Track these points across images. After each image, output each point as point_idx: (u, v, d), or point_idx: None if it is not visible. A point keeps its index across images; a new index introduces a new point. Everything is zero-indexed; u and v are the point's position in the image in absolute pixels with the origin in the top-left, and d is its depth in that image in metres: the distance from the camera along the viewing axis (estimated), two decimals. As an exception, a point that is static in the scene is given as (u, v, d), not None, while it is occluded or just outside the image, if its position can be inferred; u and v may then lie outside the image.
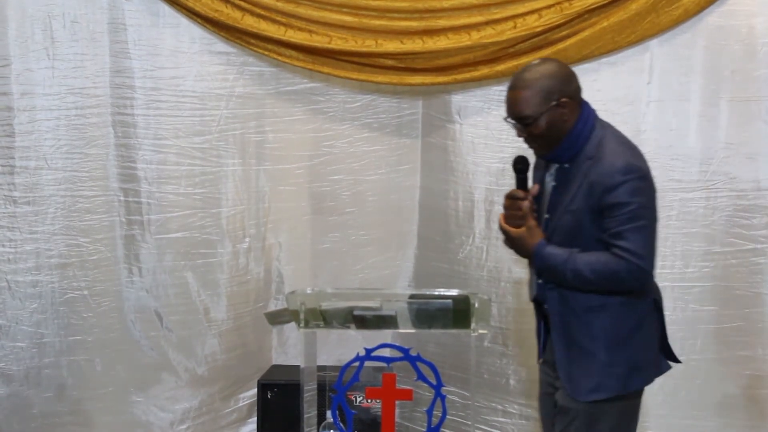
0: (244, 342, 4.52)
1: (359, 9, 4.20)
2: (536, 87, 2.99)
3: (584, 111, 3.07)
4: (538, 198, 3.13)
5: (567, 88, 3.02)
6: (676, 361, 3.21)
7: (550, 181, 3.12)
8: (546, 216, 3.09)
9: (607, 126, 3.11)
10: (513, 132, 3.04)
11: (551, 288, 3.06)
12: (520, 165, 3.12)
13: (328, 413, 3.15)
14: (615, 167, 2.93)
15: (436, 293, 3.21)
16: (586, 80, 4.16)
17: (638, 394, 3.10)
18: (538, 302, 3.16)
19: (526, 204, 3.08)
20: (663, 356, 3.18)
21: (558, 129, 3.01)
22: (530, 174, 3.15)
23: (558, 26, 4.13)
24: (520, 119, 3.02)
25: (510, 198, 3.10)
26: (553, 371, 3.12)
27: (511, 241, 3.11)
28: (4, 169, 4.27)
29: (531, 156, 3.14)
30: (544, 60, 3.16)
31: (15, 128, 4.26)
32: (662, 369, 3.17)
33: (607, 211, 2.92)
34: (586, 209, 2.96)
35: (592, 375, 3.00)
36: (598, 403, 3.00)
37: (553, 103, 2.99)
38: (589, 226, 2.96)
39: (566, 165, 3.06)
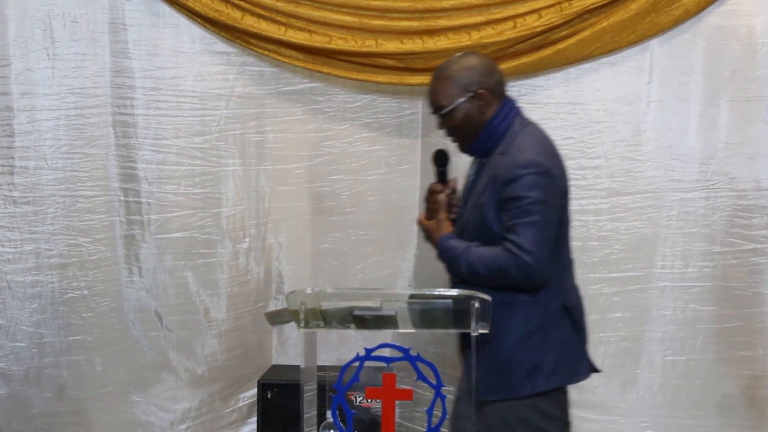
0: (244, 342, 4.51)
1: (359, 9, 4.20)
2: (454, 78, 3.02)
3: (505, 106, 3.06)
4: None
5: (486, 81, 3.03)
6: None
7: (470, 175, 3.14)
8: (462, 211, 3.11)
9: (528, 124, 3.08)
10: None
11: (457, 282, 3.07)
12: (439, 158, 3.18)
13: (328, 413, 3.15)
14: (516, 161, 2.92)
15: (436, 293, 3.20)
16: (586, 80, 4.24)
17: (542, 396, 2.99)
18: None
19: (442, 197, 3.12)
20: (582, 364, 3.10)
21: (474, 121, 3.03)
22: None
23: (558, 26, 4.13)
24: (438, 109, 3.06)
25: (429, 191, 3.16)
26: None
27: (425, 234, 3.16)
28: (4, 169, 4.27)
29: (454, 150, 3.19)
30: (467, 53, 3.20)
31: (15, 128, 4.26)
32: (577, 377, 3.08)
33: (504, 204, 2.92)
34: (490, 204, 2.96)
35: (489, 374, 2.95)
36: (496, 403, 2.96)
37: (470, 94, 3.00)
38: (493, 221, 2.96)
39: (483, 160, 3.08)
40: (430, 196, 3.15)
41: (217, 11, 4.18)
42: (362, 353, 3.06)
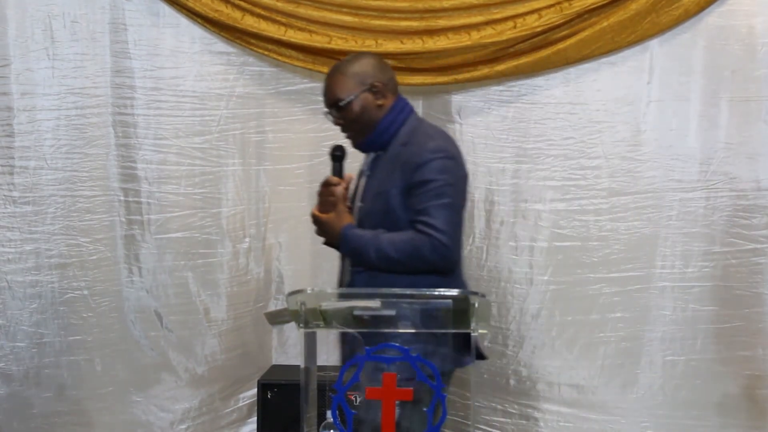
0: (244, 342, 4.52)
1: (359, 9, 4.20)
2: (350, 72, 3.16)
3: (399, 102, 3.19)
4: (355, 190, 3.22)
5: (380, 75, 3.17)
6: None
7: (365, 171, 3.22)
8: (359, 204, 3.17)
9: (423, 120, 3.26)
10: (514, 132, 3.06)
11: (360, 271, 3.10)
12: (337, 152, 3.25)
13: (328, 413, 3.14)
14: (425, 147, 3.04)
15: (436, 293, 3.20)
16: (586, 80, 4.24)
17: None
18: None
19: (339, 189, 3.18)
20: (466, 351, 3.10)
21: (371, 114, 3.15)
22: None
23: (558, 26, 4.13)
24: (335, 103, 3.15)
25: (325, 185, 3.20)
26: None
27: (321, 227, 3.19)
28: (4, 169, 4.27)
29: (349, 145, 3.26)
30: (361, 53, 3.35)
31: (15, 128, 4.26)
32: (463, 362, 3.11)
33: (415, 188, 3.00)
34: (397, 191, 3.04)
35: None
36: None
37: (366, 87, 3.13)
38: (399, 208, 3.04)
39: (380, 153, 3.17)
40: (327, 190, 3.20)
41: (217, 11, 4.18)
42: (362, 353, 3.06)
